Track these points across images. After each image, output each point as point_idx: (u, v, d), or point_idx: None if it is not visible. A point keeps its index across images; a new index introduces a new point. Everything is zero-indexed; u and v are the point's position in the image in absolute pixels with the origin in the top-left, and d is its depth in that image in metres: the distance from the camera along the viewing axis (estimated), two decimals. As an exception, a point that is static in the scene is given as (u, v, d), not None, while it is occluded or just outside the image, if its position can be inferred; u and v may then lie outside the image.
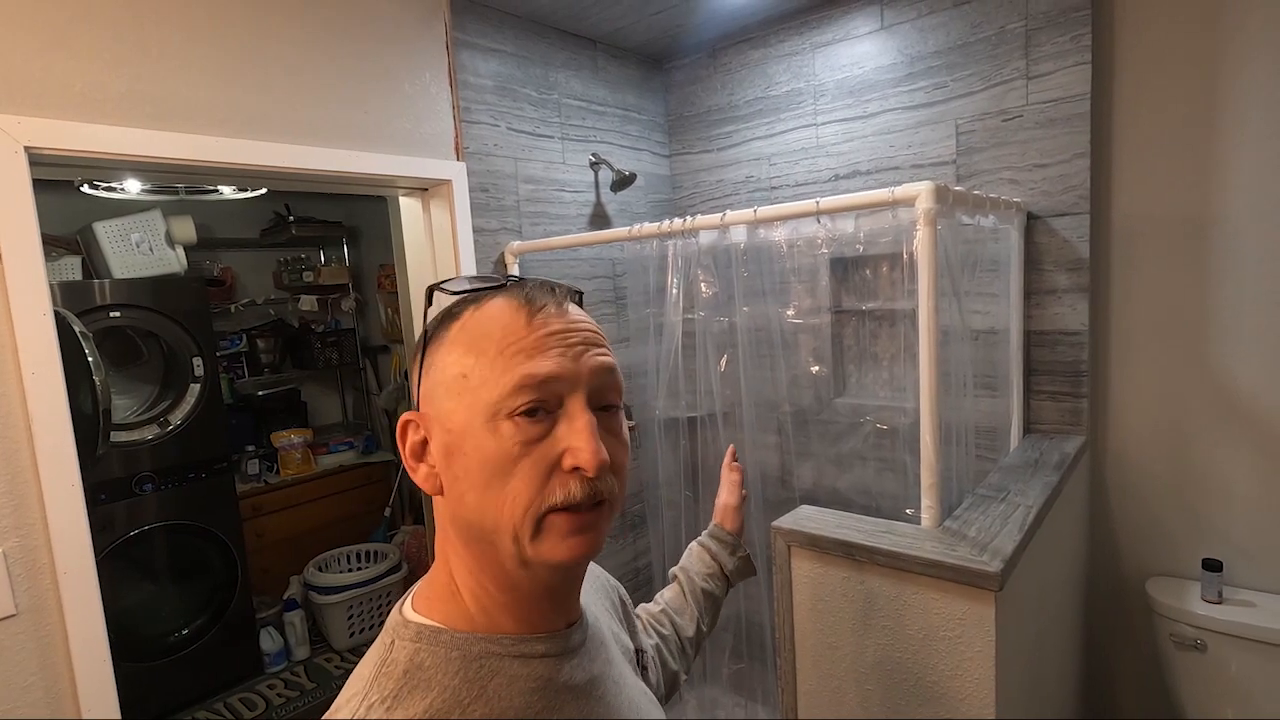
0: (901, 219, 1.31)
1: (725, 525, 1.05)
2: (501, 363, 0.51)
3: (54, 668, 1.23)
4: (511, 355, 0.51)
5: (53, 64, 1.22)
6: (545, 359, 0.51)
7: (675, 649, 0.91)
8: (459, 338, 0.53)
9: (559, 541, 0.51)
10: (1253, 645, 1.56)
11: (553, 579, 0.55)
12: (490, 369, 0.51)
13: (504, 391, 0.50)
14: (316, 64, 1.56)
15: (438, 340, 0.55)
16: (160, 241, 2.91)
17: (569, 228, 2.17)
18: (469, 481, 0.52)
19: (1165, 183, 1.69)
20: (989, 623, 1.09)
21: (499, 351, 0.51)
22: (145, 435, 2.67)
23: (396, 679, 0.51)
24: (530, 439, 0.50)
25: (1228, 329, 1.65)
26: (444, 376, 0.53)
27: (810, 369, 1.97)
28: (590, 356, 0.53)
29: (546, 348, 0.52)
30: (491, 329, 0.52)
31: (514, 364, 0.51)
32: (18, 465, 1.18)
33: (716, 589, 0.99)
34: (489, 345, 0.52)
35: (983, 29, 1.80)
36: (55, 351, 1.21)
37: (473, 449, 0.51)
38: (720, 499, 1.08)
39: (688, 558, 1.03)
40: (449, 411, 0.52)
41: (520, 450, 0.50)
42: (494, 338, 0.52)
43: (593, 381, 0.53)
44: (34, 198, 1.19)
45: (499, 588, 0.55)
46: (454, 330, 0.54)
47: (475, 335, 0.53)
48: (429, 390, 0.54)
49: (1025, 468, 1.57)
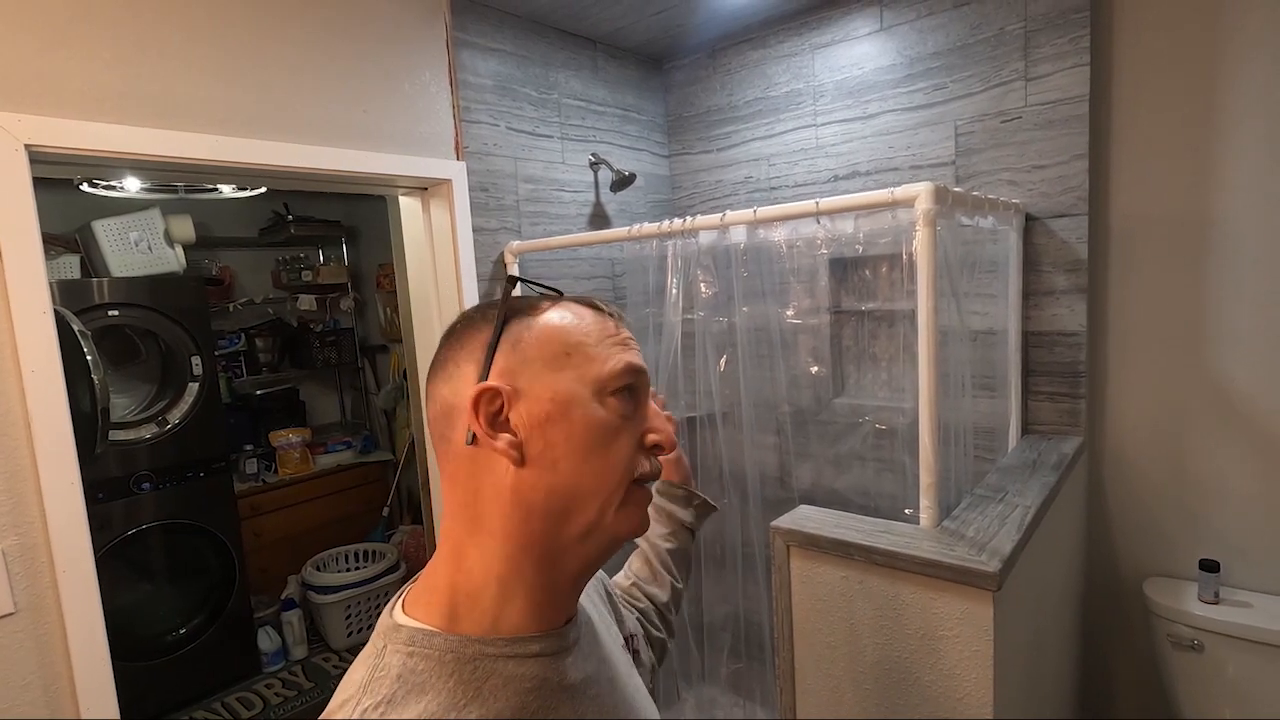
0: (901, 220, 1.31)
1: (671, 479, 1.00)
2: (603, 349, 0.58)
3: (53, 666, 1.23)
4: (611, 345, 0.59)
5: (53, 62, 1.22)
6: (634, 355, 0.60)
7: (655, 617, 0.91)
8: (553, 322, 0.59)
9: (635, 511, 0.59)
10: (1250, 646, 1.56)
11: (597, 555, 0.59)
12: (597, 350, 0.58)
13: (612, 372, 0.57)
14: (316, 63, 1.56)
15: (520, 322, 0.59)
16: (159, 240, 2.91)
17: (568, 228, 2.17)
18: (568, 447, 0.56)
19: (1163, 184, 1.70)
20: (987, 622, 1.09)
21: (599, 340, 0.59)
22: (143, 434, 2.67)
23: (390, 684, 0.50)
24: (627, 415, 0.58)
25: (1225, 330, 1.66)
26: (542, 350, 0.58)
27: (809, 369, 1.97)
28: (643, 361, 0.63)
29: (631, 346, 0.61)
30: (586, 322, 0.60)
31: (615, 352, 0.59)
32: (17, 463, 1.18)
33: (680, 544, 0.97)
34: (588, 333, 0.59)
35: (982, 30, 1.80)
36: (55, 350, 1.21)
37: (580, 416, 0.56)
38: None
39: None
40: (549, 382, 0.57)
41: (622, 423, 0.58)
42: (592, 329, 0.59)
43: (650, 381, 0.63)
44: (34, 196, 1.19)
45: (538, 568, 0.56)
46: (542, 317, 0.59)
47: (570, 323, 0.59)
48: (514, 364, 0.57)
49: (1023, 468, 1.57)
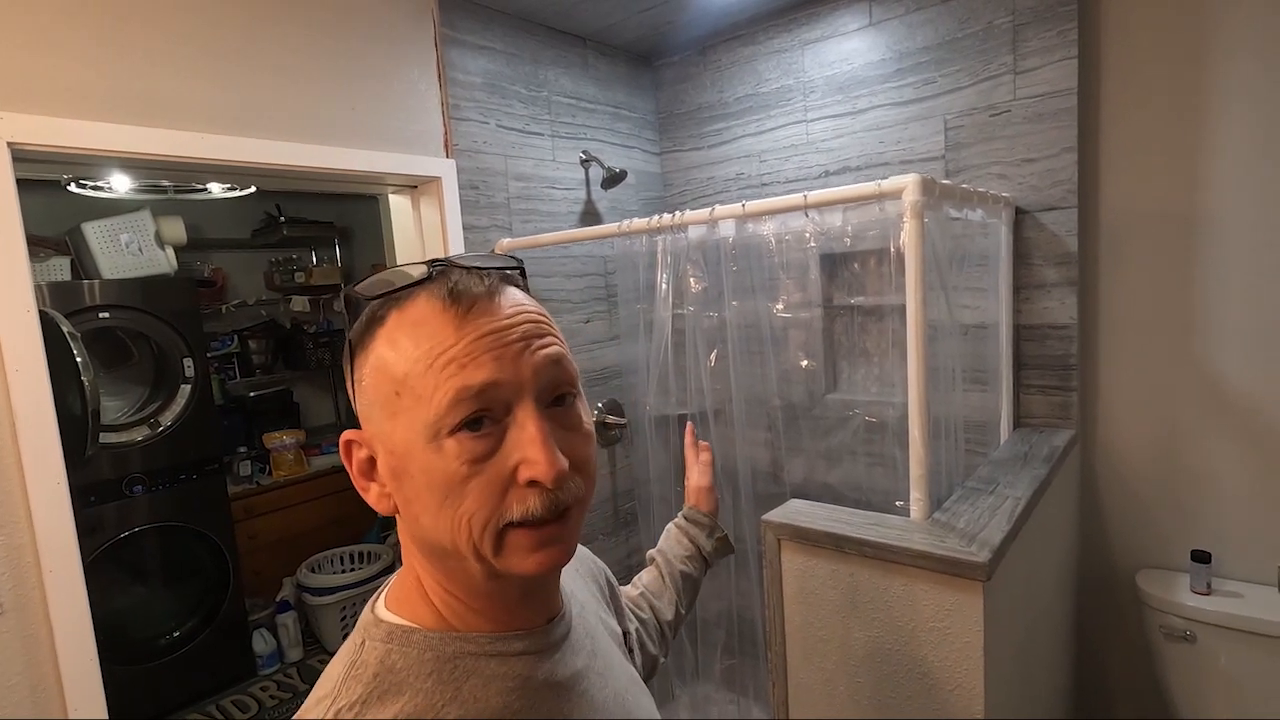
0: (889, 212, 1.31)
1: (700, 506, 1.03)
2: (433, 377, 0.46)
3: (39, 667, 1.22)
4: (443, 367, 0.46)
5: (37, 60, 1.21)
6: (479, 367, 0.46)
7: (654, 633, 0.90)
8: (386, 348, 0.48)
9: (525, 557, 0.48)
10: (1241, 636, 1.56)
11: (526, 585, 0.53)
12: (423, 383, 0.46)
13: (440, 409, 0.46)
14: (303, 61, 1.56)
15: (364, 350, 0.50)
16: (150, 242, 2.89)
17: (559, 225, 2.17)
18: (421, 504, 0.48)
19: (1152, 177, 1.70)
20: (977, 613, 1.09)
21: (429, 364, 0.46)
22: (135, 437, 2.66)
23: (366, 682, 0.49)
24: (477, 456, 0.46)
25: (1215, 322, 1.66)
26: (377, 394, 0.49)
27: (800, 364, 1.97)
28: (532, 353, 0.49)
29: (480, 352, 0.47)
30: (418, 336, 0.47)
31: (445, 376, 0.46)
32: (2, 463, 1.18)
33: (694, 570, 0.98)
34: (419, 356, 0.47)
35: (970, 24, 1.80)
36: (40, 348, 1.20)
37: (418, 471, 0.47)
38: (691, 481, 1.06)
39: (665, 540, 1.02)
40: (388, 431, 0.48)
41: (469, 469, 0.46)
42: (422, 348, 0.47)
43: (540, 380, 0.49)
44: (17, 193, 1.19)
45: (470, 595, 0.53)
46: (380, 339, 0.49)
47: (402, 345, 0.48)
48: (365, 407, 0.50)
49: (1014, 461, 1.57)
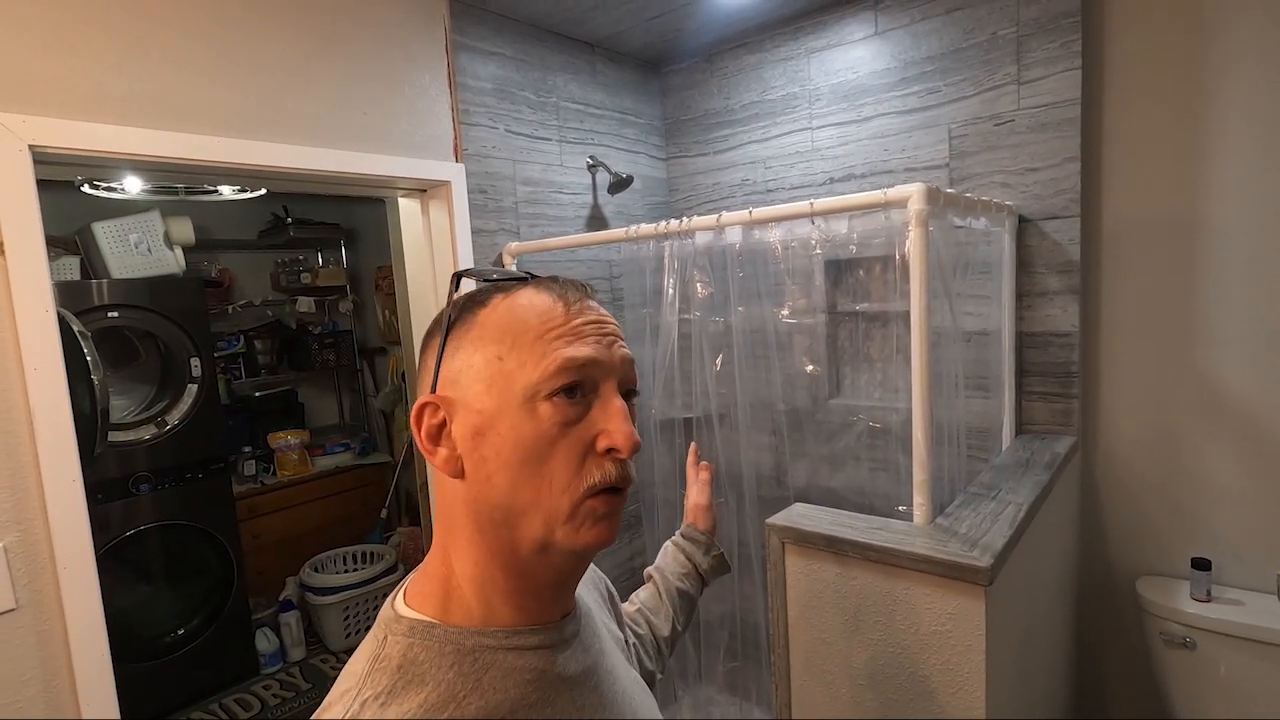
0: (894, 220, 1.33)
1: (698, 525, 1.05)
2: (541, 347, 0.52)
3: (53, 662, 1.24)
4: (552, 340, 0.53)
5: (57, 64, 1.23)
6: (584, 344, 0.53)
7: (651, 649, 0.91)
8: (491, 322, 0.54)
9: (591, 525, 0.52)
10: (1241, 644, 1.57)
11: (567, 566, 0.56)
12: (529, 352, 0.52)
13: (545, 373, 0.51)
14: (317, 66, 1.58)
15: (464, 325, 0.55)
16: (159, 242, 2.92)
17: (566, 229, 2.19)
18: (500, 461, 0.52)
19: (1154, 187, 1.72)
20: (979, 618, 1.11)
21: (538, 336, 0.53)
22: (142, 435, 2.68)
23: (390, 675, 0.50)
24: (568, 420, 0.52)
25: (1216, 331, 1.68)
26: (475, 359, 0.53)
27: (805, 369, 1.98)
28: (619, 347, 0.56)
29: (584, 334, 0.54)
30: (528, 315, 0.53)
31: (554, 348, 0.52)
32: (19, 461, 1.19)
33: (691, 588, 1.00)
34: (527, 330, 0.53)
35: (975, 35, 1.82)
36: (57, 349, 1.22)
37: (508, 429, 0.52)
38: (690, 499, 1.08)
39: (662, 558, 1.04)
40: (480, 393, 0.53)
41: (558, 431, 0.51)
42: (532, 323, 0.53)
43: (622, 370, 0.56)
44: (38, 196, 1.21)
45: (508, 575, 0.55)
46: (483, 315, 0.55)
47: (510, 320, 0.54)
48: (454, 373, 0.54)
49: (1016, 467, 1.58)
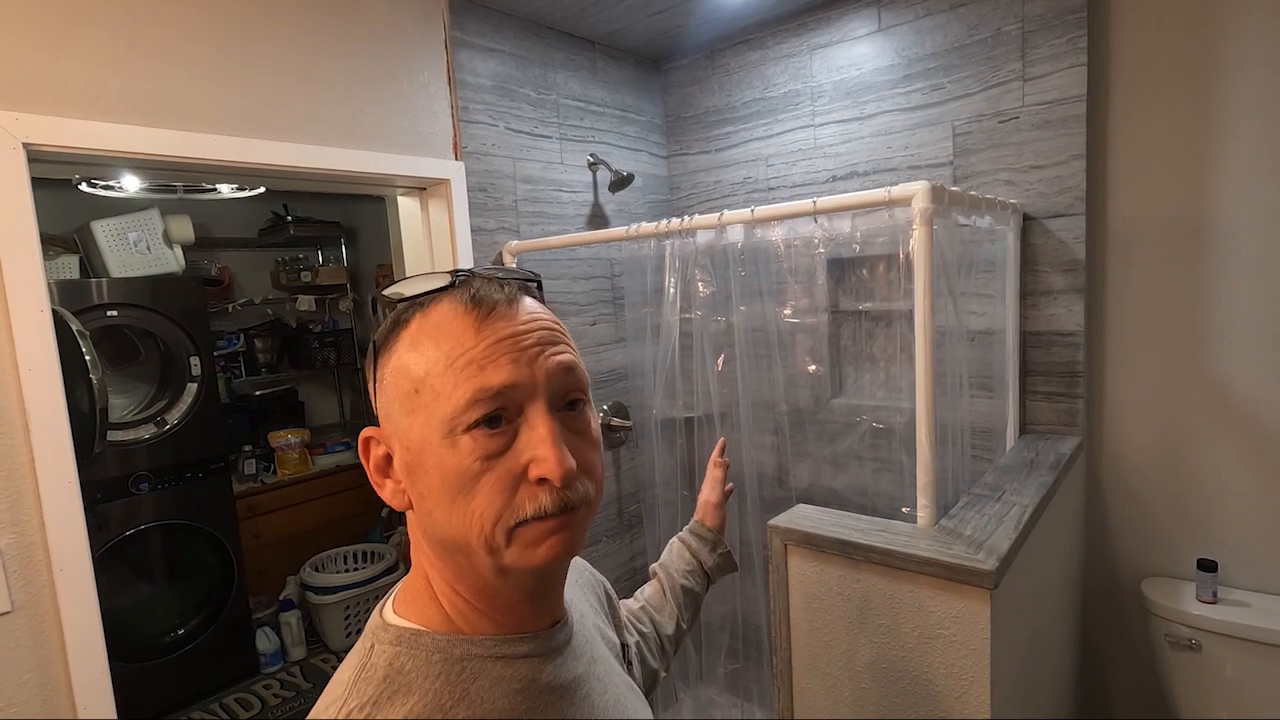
0: (898, 219, 1.31)
1: (707, 521, 1.03)
2: (452, 376, 0.48)
3: (49, 665, 1.23)
4: (462, 368, 0.49)
5: (51, 61, 1.22)
6: (498, 369, 0.49)
7: (655, 647, 0.90)
8: (408, 349, 0.51)
9: (534, 548, 0.50)
10: (1247, 645, 1.56)
11: (532, 583, 0.55)
12: (442, 382, 0.49)
13: (458, 406, 0.48)
14: (314, 62, 1.57)
15: (388, 351, 0.52)
16: (158, 241, 2.91)
17: (567, 228, 2.17)
18: (434, 499, 0.50)
19: (1161, 185, 1.70)
20: (984, 620, 1.09)
21: (449, 364, 0.49)
22: (142, 434, 2.67)
23: (376, 684, 0.50)
24: (491, 453, 0.48)
25: (1222, 330, 1.66)
26: (397, 391, 0.51)
27: (807, 369, 1.97)
28: (547, 358, 0.51)
29: (498, 355, 0.49)
30: (439, 338, 0.50)
31: (465, 376, 0.48)
32: (14, 462, 1.18)
33: (697, 586, 0.99)
34: (438, 357, 0.49)
35: (979, 31, 1.81)
36: (53, 349, 1.21)
37: (433, 466, 0.49)
38: (703, 494, 1.06)
39: (668, 554, 1.02)
40: (405, 428, 0.51)
41: (481, 465, 0.48)
42: (442, 349, 0.49)
43: (552, 384, 0.51)
44: (32, 194, 1.19)
45: (476, 595, 0.54)
46: (403, 340, 0.52)
47: (424, 346, 0.50)
48: (385, 405, 0.53)
49: (1021, 468, 1.57)
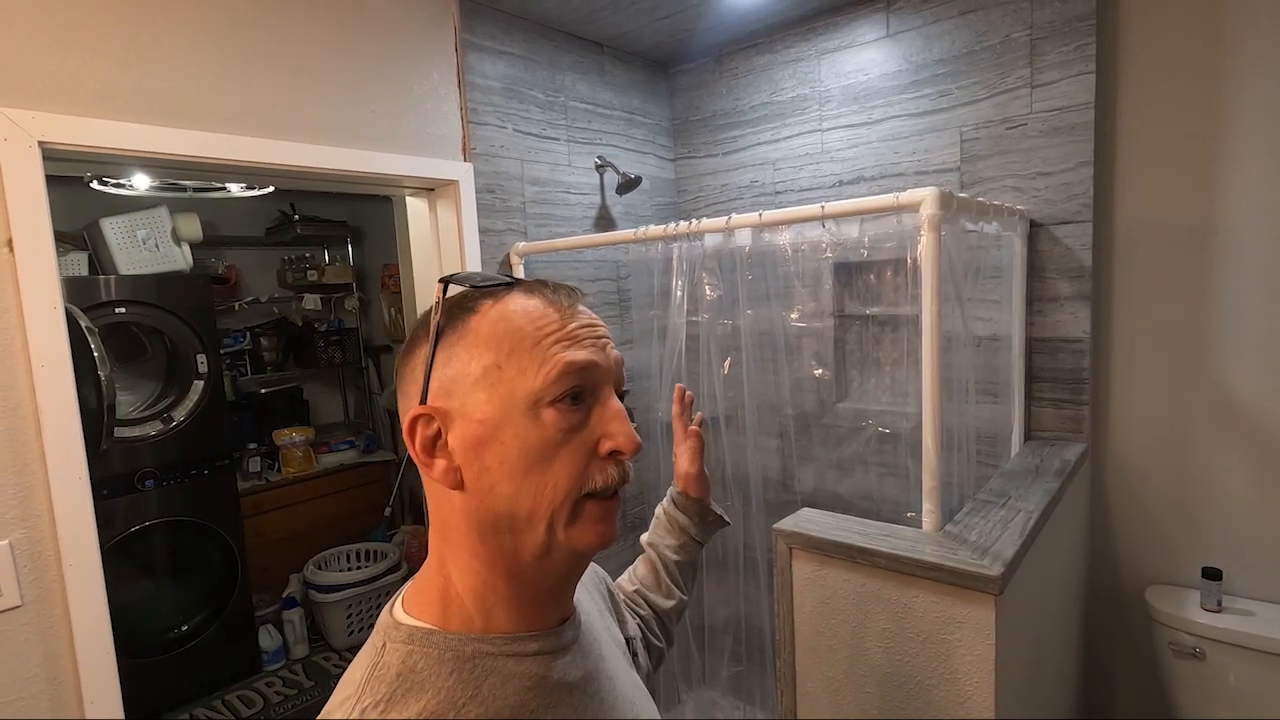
0: (906, 224, 1.31)
1: (690, 492, 0.97)
2: (540, 353, 0.52)
3: (58, 660, 1.24)
4: (550, 345, 0.52)
5: (66, 61, 1.23)
6: (583, 348, 0.53)
7: (656, 626, 0.90)
8: (484, 329, 0.53)
9: (591, 527, 0.53)
10: (1252, 654, 1.56)
11: (566, 569, 0.56)
12: (528, 358, 0.52)
13: (547, 380, 0.51)
14: (326, 64, 1.57)
15: (455, 332, 0.54)
16: (166, 238, 2.92)
17: (574, 229, 2.18)
18: (504, 470, 0.52)
19: (1168, 192, 1.70)
20: (989, 627, 1.10)
21: (535, 342, 0.52)
22: (148, 431, 2.68)
23: (389, 682, 0.50)
24: (573, 425, 0.52)
25: (1229, 338, 1.66)
26: (471, 368, 0.52)
27: (813, 373, 1.97)
28: (612, 349, 0.56)
29: (581, 338, 0.54)
30: (522, 321, 0.53)
31: (554, 353, 0.52)
32: (26, 457, 1.19)
33: (687, 557, 0.96)
34: (524, 336, 0.52)
35: (988, 38, 1.81)
36: (65, 345, 1.22)
37: (512, 437, 0.51)
38: (680, 466, 0.97)
39: (655, 530, 0.98)
40: (479, 402, 0.52)
41: (564, 437, 0.52)
42: (527, 329, 0.53)
43: (616, 372, 0.56)
44: (47, 192, 1.20)
45: (509, 582, 0.54)
46: (475, 322, 0.53)
47: (504, 326, 0.53)
48: (447, 383, 0.53)
49: (1026, 474, 1.57)
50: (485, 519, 0.53)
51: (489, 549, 0.54)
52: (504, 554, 0.54)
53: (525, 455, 0.51)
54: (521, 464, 0.51)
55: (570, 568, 0.57)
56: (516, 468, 0.51)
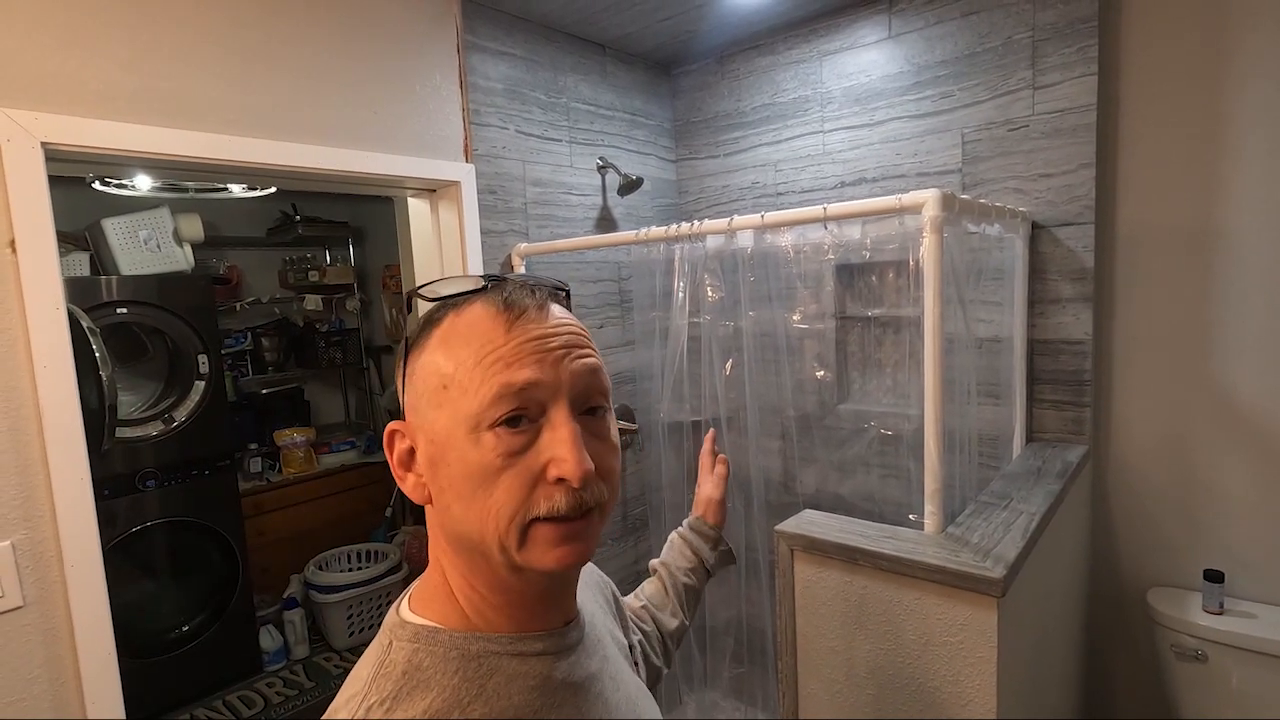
0: (908, 226, 1.31)
1: (708, 518, 1.01)
2: (480, 373, 0.50)
3: (59, 660, 1.24)
4: (490, 365, 0.50)
5: (69, 61, 1.23)
6: (523, 367, 0.50)
7: (657, 645, 0.91)
8: (439, 346, 0.53)
9: (547, 551, 0.51)
10: (1254, 657, 1.56)
11: (546, 583, 0.56)
12: (469, 378, 0.50)
13: (483, 402, 0.49)
14: (328, 65, 1.58)
15: (419, 347, 0.54)
16: (168, 239, 2.92)
17: (575, 231, 2.18)
18: (454, 492, 0.51)
19: (1170, 194, 1.70)
20: (991, 629, 1.10)
21: (477, 361, 0.50)
22: (149, 431, 2.68)
23: (395, 679, 0.51)
24: (512, 450, 0.50)
25: (1231, 340, 1.66)
26: (426, 386, 0.52)
27: (815, 374, 1.97)
28: (571, 360, 0.52)
29: (524, 355, 0.50)
30: (470, 337, 0.51)
31: (492, 373, 0.50)
32: (28, 458, 1.19)
33: (697, 582, 0.99)
34: (468, 354, 0.51)
35: (990, 39, 1.81)
36: (67, 345, 1.22)
37: (456, 460, 0.50)
38: (705, 491, 1.03)
39: (668, 551, 1.01)
40: (431, 421, 0.52)
41: (503, 462, 0.49)
42: (472, 347, 0.51)
43: (575, 386, 0.52)
44: (49, 192, 1.20)
45: (492, 591, 0.55)
46: (435, 338, 0.53)
47: (454, 344, 0.52)
48: (413, 399, 0.54)
49: (1028, 476, 1.57)
50: (451, 534, 0.54)
51: (465, 561, 0.55)
52: (479, 566, 0.54)
53: (469, 479, 0.50)
54: (467, 486, 0.50)
55: (550, 583, 0.55)
56: (463, 490, 0.50)
